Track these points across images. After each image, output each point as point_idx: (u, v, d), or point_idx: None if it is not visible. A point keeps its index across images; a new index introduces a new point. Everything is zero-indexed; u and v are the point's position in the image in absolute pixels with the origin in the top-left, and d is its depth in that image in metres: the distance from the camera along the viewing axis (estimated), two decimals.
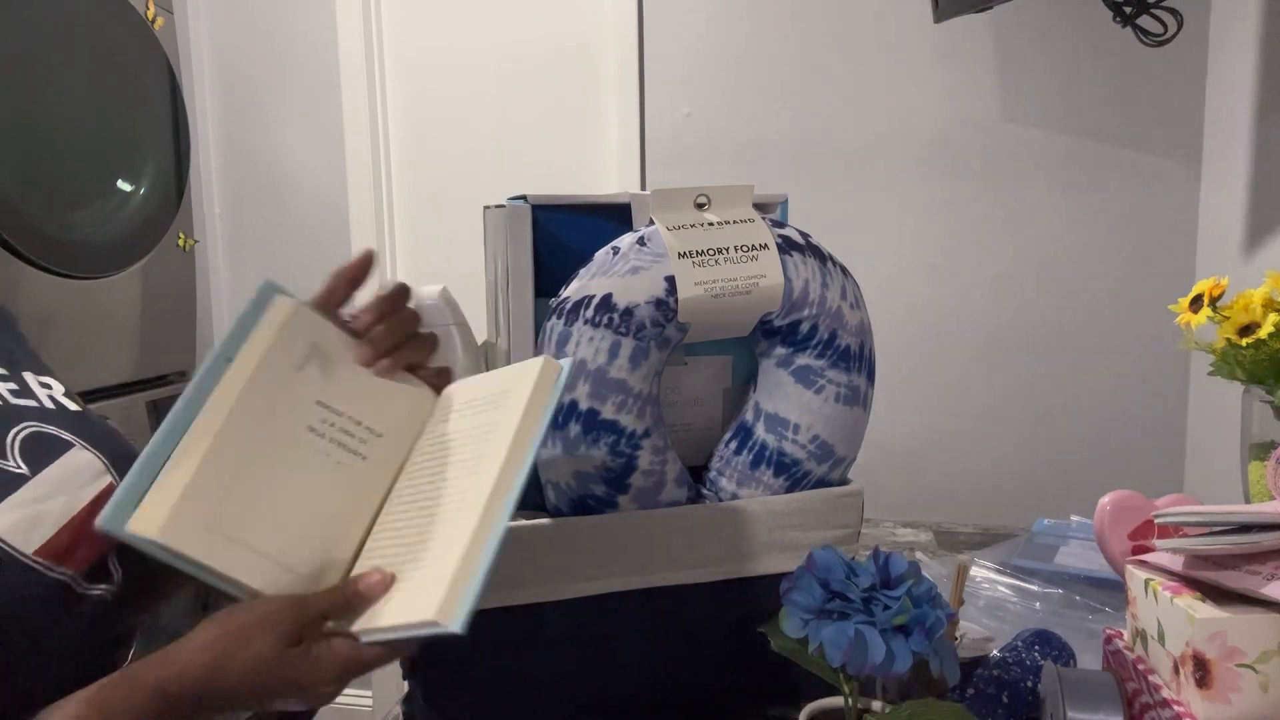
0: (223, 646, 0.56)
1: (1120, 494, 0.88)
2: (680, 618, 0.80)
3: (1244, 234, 1.56)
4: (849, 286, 0.83)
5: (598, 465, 0.76)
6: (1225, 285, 0.93)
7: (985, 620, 0.98)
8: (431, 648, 0.76)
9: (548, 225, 0.80)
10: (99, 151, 1.67)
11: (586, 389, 0.75)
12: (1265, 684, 0.60)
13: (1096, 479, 1.85)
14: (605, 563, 0.77)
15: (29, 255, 1.50)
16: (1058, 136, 1.83)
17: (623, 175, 2.05)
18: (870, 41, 1.89)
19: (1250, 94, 1.55)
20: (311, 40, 2.19)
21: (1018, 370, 1.91)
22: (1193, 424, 1.82)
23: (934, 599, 0.61)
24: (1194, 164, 1.78)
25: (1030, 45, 1.82)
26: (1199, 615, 0.60)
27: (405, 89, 2.21)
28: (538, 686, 0.78)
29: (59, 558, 0.62)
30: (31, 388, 0.68)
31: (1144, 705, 0.66)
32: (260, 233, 2.26)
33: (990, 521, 1.38)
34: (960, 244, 1.90)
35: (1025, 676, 0.74)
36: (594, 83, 2.10)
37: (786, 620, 0.61)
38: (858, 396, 0.82)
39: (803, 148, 1.95)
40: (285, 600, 0.58)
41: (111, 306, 1.71)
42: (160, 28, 1.79)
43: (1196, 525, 0.67)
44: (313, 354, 0.65)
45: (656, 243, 0.77)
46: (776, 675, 0.83)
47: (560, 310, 0.77)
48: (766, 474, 0.81)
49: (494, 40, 2.14)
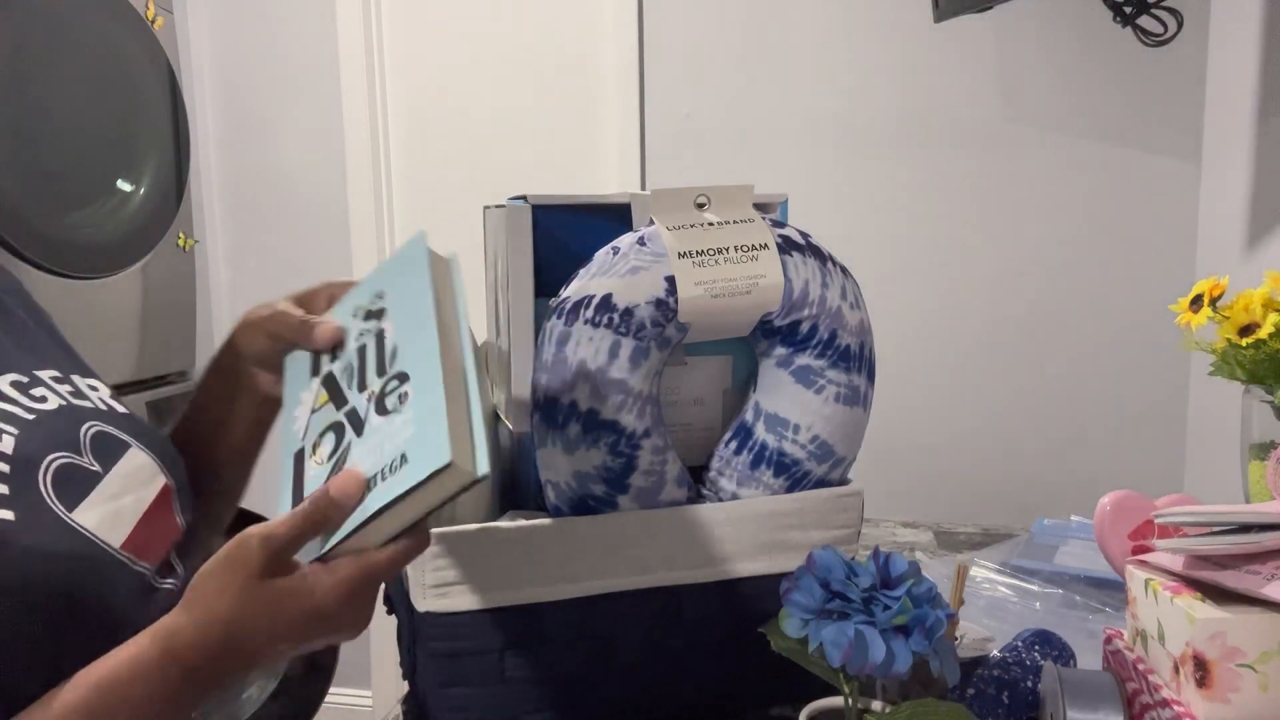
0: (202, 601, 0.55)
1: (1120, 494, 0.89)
2: (680, 618, 0.80)
3: (1244, 234, 1.56)
4: (849, 286, 0.83)
5: (598, 465, 0.76)
6: (1225, 285, 0.93)
7: (985, 620, 0.98)
8: (432, 647, 0.76)
9: (548, 225, 0.80)
10: (99, 151, 1.67)
11: (586, 389, 0.75)
12: (1265, 684, 0.60)
13: (1096, 479, 1.85)
14: (605, 563, 0.77)
15: (29, 255, 1.50)
16: (1058, 136, 1.83)
17: (623, 175, 2.05)
18: (870, 42, 1.89)
19: (1250, 94, 1.55)
20: (312, 41, 2.19)
21: (1018, 370, 1.91)
22: (1193, 424, 1.82)
23: (934, 599, 0.61)
24: (1194, 164, 1.78)
25: (1030, 45, 1.82)
26: (1199, 615, 0.60)
27: (405, 89, 2.21)
28: (537, 686, 0.78)
29: (139, 552, 0.64)
30: (83, 390, 0.70)
31: (1144, 705, 0.66)
32: (260, 233, 2.26)
33: (990, 521, 1.38)
34: (960, 244, 1.90)
35: (1025, 676, 0.74)
36: (594, 83, 2.10)
37: (786, 620, 0.61)
38: (858, 396, 0.82)
39: (803, 148, 1.95)
40: (245, 536, 0.56)
41: (111, 306, 1.71)
42: (160, 28, 1.79)
43: (1196, 525, 0.67)
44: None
45: (656, 243, 0.77)
46: (776, 675, 0.83)
47: (560, 310, 0.77)
48: (766, 474, 0.82)
49: (494, 40, 2.14)
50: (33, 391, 0.65)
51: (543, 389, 0.77)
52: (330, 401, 0.66)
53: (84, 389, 0.70)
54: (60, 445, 0.62)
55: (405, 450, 0.57)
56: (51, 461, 0.61)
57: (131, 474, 0.66)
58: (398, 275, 0.68)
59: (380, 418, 0.61)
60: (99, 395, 0.71)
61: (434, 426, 0.56)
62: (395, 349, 0.64)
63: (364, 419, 0.62)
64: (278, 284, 2.34)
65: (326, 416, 0.66)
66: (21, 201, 1.49)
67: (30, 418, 0.62)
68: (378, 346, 0.65)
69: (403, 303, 0.65)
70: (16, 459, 0.59)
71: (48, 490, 0.59)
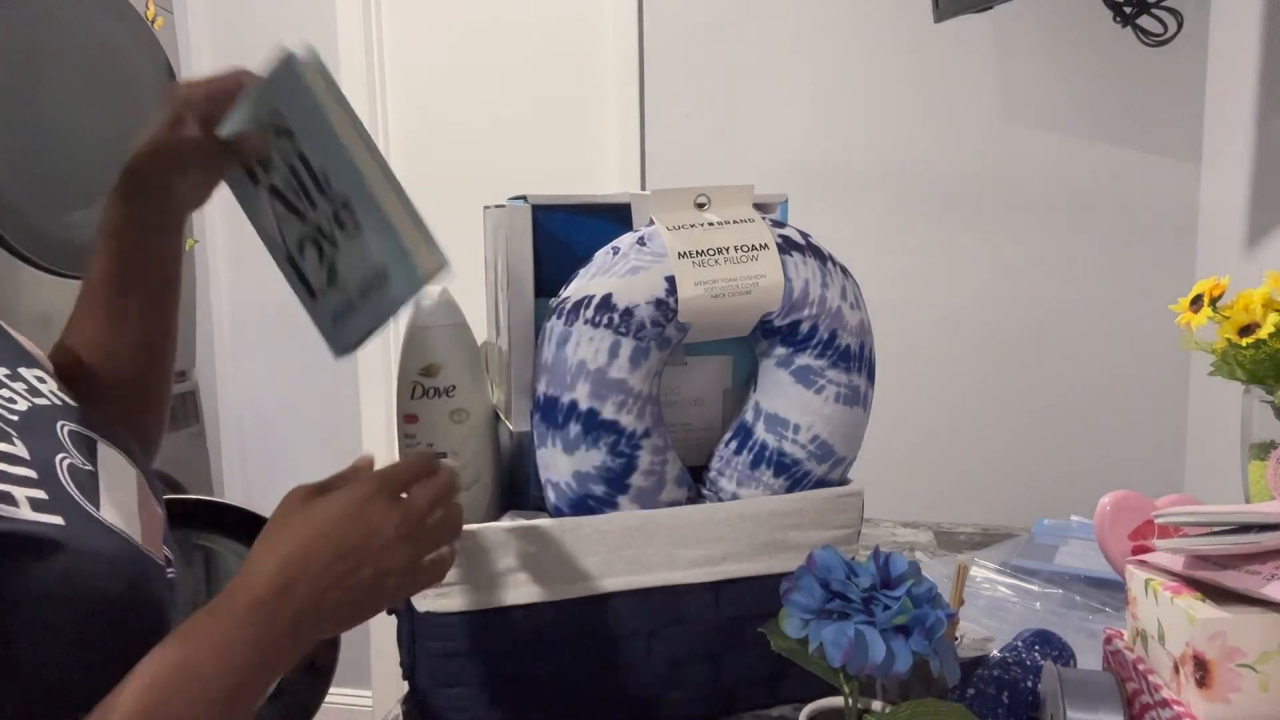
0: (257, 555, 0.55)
1: (1120, 494, 0.89)
2: (680, 618, 0.80)
3: (1244, 233, 1.56)
4: (849, 286, 0.83)
5: (598, 465, 0.76)
6: (1225, 285, 0.93)
7: (985, 620, 0.97)
8: (432, 647, 0.76)
9: (548, 225, 0.80)
10: (99, 151, 1.67)
11: (586, 389, 0.75)
12: (1265, 684, 0.60)
13: (1096, 479, 1.85)
14: (605, 563, 0.77)
15: (29, 255, 1.50)
16: (1057, 136, 1.83)
17: (623, 175, 2.05)
18: (870, 41, 1.89)
19: (1250, 94, 1.55)
20: (311, 40, 2.19)
21: (1018, 370, 1.91)
22: (1193, 424, 1.82)
23: (934, 599, 0.61)
24: (1194, 163, 1.78)
25: (1030, 45, 1.82)
26: (1199, 615, 0.60)
27: (405, 89, 2.21)
28: (537, 686, 0.78)
29: (152, 546, 0.62)
30: (35, 385, 0.66)
31: (1144, 705, 0.66)
32: None
33: (990, 521, 1.38)
34: (960, 243, 1.90)
35: (1025, 676, 0.74)
36: (594, 83, 2.10)
37: (786, 620, 0.61)
38: (858, 396, 0.82)
39: (803, 147, 1.95)
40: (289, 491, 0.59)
41: None
42: (160, 28, 1.79)
43: (1196, 525, 0.67)
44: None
45: (656, 243, 0.77)
46: (776, 675, 0.83)
47: (560, 310, 0.77)
48: (766, 474, 0.82)
49: (494, 40, 2.14)
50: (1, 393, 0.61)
51: (543, 389, 0.77)
52: (291, 214, 0.72)
53: (35, 384, 0.66)
54: (55, 446, 0.60)
55: (386, 270, 0.67)
56: (60, 462, 0.59)
57: (112, 470, 0.64)
58: (286, 95, 0.68)
59: (343, 236, 0.68)
60: (49, 388, 0.67)
61: (392, 244, 0.66)
62: (324, 172, 0.68)
63: (330, 236, 0.69)
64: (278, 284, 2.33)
65: (295, 228, 0.72)
66: (21, 201, 1.49)
67: (16, 419, 0.60)
68: (307, 169, 0.69)
69: (306, 123, 0.68)
70: (36, 463, 0.56)
71: (74, 492, 0.58)
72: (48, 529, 0.53)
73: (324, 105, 0.66)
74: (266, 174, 0.72)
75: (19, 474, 0.55)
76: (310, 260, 0.72)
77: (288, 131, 0.68)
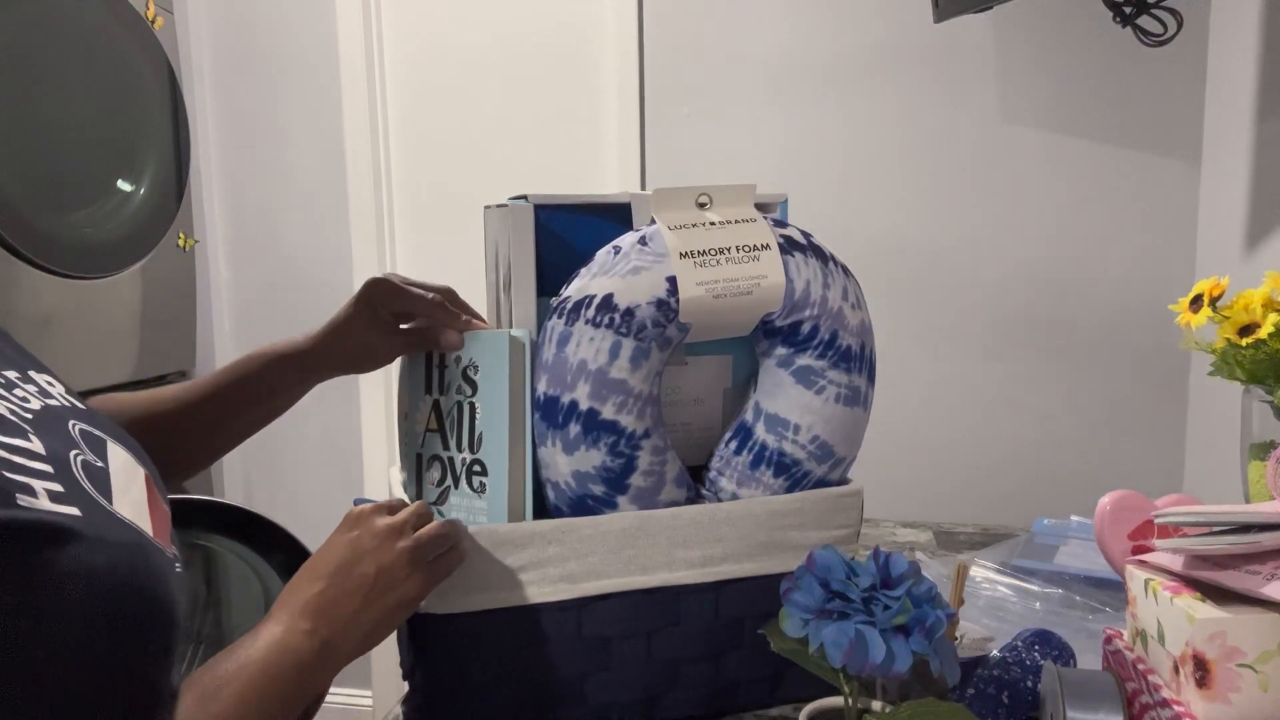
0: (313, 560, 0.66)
1: (1120, 494, 0.88)
2: (680, 618, 0.80)
3: (1244, 234, 1.56)
4: (850, 287, 0.83)
5: (598, 465, 0.76)
6: (1225, 285, 0.93)
7: (985, 620, 0.98)
8: (431, 647, 0.76)
9: (549, 225, 0.81)
10: (99, 151, 1.67)
11: (587, 389, 0.75)
12: (1265, 684, 0.60)
13: (1096, 479, 1.85)
14: (605, 563, 0.77)
15: (29, 255, 1.50)
16: (1058, 136, 1.83)
17: (623, 175, 2.05)
18: (870, 41, 1.89)
19: (1250, 94, 1.55)
20: (311, 40, 2.19)
21: (1018, 370, 1.91)
22: (1193, 424, 1.82)
23: (934, 599, 0.61)
24: (1194, 164, 1.78)
25: (1030, 45, 1.82)
26: (1199, 615, 0.60)
27: (405, 89, 2.21)
28: (538, 686, 0.78)
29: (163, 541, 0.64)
30: (45, 388, 0.69)
31: (1144, 705, 0.66)
32: (260, 233, 2.26)
33: (990, 521, 1.38)
34: (960, 243, 1.90)
35: (1025, 676, 0.74)
36: (594, 83, 2.10)
37: (786, 620, 0.61)
38: (858, 397, 0.82)
39: (803, 147, 1.95)
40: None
41: (111, 306, 1.71)
42: (160, 28, 1.79)
43: (1196, 525, 0.67)
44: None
45: (658, 243, 0.77)
46: (776, 675, 0.83)
47: (561, 310, 0.77)
48: (766, 474, 0.82)
49: (494, 40, 2.14)
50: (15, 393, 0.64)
51: (543, 389, 0.77)
52: (438, 432, 0.82)
53: (45, 387, 0.69)
54: (69, 443, 0.62)
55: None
56: (74, 458, 0.61)
57: (121, 468, 0.66)
58: (487, 355, 0.79)
59: (468, 489, 0.80)
60: (59, 391, 0.70)
61: (496, 513, 0.78)
62: (481, 437, 0.79)
63: (459, 477, 0.81)
64: (278, 284, 2.34)
65: (434, 445, 0.83)
66: (21, 201, 1.49)
67: (30, 417, 0.62)
68: (470, 421, 0.80)
69: (488, 390, 0.79)
70: (52, 458, 0.58)
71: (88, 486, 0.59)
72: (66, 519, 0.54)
73: (511, 389, 0.77)
74: (439, 389, 0.83)
75: (36, 468, 0.57)
76: (431, 475, 0.83)
77: (474, 385, 0.79)
